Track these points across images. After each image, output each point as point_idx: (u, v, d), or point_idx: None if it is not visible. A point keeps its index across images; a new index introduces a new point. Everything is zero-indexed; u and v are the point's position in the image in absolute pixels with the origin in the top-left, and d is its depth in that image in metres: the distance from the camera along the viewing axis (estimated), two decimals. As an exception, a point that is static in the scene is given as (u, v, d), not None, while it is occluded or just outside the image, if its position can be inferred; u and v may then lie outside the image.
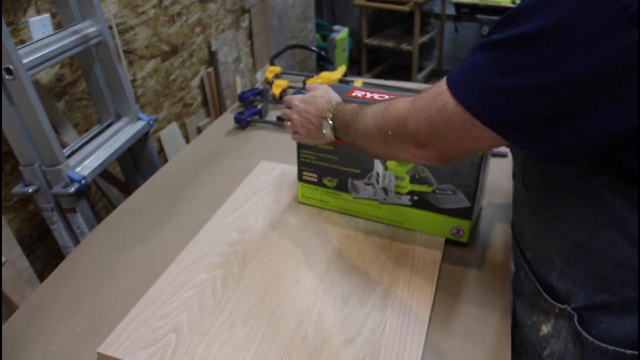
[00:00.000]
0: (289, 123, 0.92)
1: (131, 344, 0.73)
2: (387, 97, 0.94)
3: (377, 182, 0.95)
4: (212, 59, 2.32)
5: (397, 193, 0.94)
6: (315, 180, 1.00)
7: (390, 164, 0.92)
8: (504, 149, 1.22)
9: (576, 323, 0.65)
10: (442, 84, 0.58)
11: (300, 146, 0.98)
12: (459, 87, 0.55)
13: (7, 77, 1.10)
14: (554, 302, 0.69)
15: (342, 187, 0.99)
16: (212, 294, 0.83)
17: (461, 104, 0.55)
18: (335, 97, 0.88)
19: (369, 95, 0.96)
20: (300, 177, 1.02)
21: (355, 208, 1.00)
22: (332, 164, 0.98)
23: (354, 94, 0.96)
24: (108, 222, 1.08)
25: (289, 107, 0.92)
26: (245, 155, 1.28)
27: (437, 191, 0.90)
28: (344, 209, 1.01)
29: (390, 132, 0.65)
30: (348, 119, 0.77)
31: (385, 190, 0.95)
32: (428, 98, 0.59)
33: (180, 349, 0.72)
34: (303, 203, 1.05)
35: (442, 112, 0.57)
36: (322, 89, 0.90)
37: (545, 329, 0.71)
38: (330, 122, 0.80)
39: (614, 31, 0.45)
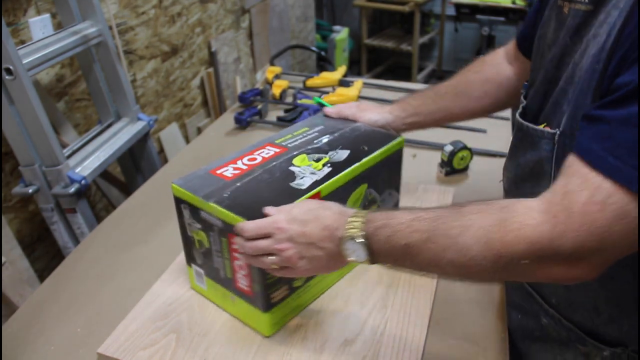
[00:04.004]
0: (269, 260, 0.62)
1: (131, 344, 0.73)
2: (267, 152, 0.81)
3: None
4: (212, 59, 2.32)
5: None
6: (287, 292, 0.74)
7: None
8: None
9: None
10: (594, 182, 0.47)
11: (261, 275, 0.68)
12: None
13: (7, 77, 1.10)
14: (603, 346, 0.64)
15: None
16: (212, 294, 0.82)
17: None
18: (337, 206, 0.64)
19: (240, 164, 0.80)
20: (267, 308, 0.72)
21: (326, 281, 0.82)
22: None
23: (219, 172, 0.78)
24: (108, 222, 1.08)
25: (264, 237, 0.62)
26: (245, 155, 1.28)
27: (380, 203, 0.88)
28: (314, 296, 0.81)
29: (525, 261, 0.51)
30: (409, 241, 0.55)
31: None
32: (584, 205, 0.48)
33: (181, 350, 0.72)
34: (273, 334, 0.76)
35: (621, 217, 0.46)
36: (308, 202, 0.65)
37: None
38: (362, 241, 0.57)
39: None
